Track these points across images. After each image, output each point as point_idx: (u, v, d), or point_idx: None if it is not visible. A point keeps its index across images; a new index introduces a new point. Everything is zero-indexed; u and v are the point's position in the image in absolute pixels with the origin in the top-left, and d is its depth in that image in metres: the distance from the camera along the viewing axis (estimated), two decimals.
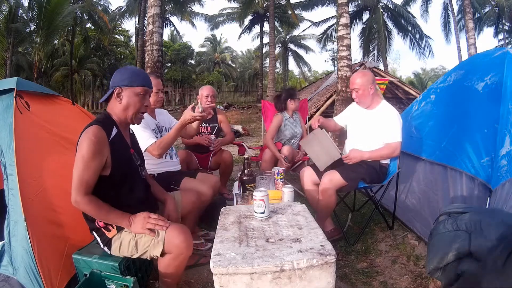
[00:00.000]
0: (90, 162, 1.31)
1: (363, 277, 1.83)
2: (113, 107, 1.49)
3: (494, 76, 2.15)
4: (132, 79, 1.46)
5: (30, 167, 1.67)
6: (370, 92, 2.22)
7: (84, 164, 1.31)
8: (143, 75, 1.53)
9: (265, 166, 2.95)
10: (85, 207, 1.33)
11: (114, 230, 1.43)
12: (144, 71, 1.55)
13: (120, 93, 1.46)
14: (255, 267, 1.00)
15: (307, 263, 1.02)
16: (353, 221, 2.54)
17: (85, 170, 1.31)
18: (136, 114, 1.50)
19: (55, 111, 2.13)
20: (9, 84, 1.87)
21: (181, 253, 1.38)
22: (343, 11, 6.89)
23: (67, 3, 12.82)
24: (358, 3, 17.44)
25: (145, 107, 1.53)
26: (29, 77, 13.80)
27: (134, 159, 1.54)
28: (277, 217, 1.41)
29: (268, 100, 4.41)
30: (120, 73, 1.49)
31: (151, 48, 6.73)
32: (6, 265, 1.50)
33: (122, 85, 1.45)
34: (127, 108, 1.47)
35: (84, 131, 1.37)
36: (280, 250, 1.09)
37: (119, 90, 1.46)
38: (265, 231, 1.27)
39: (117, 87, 1.46)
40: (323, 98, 9.38)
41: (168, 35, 27.41)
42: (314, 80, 23.83)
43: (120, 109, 1.47)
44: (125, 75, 1.47)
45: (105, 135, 1.38)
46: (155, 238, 1.38)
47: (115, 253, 1.45)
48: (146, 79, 1.52)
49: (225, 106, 16.06)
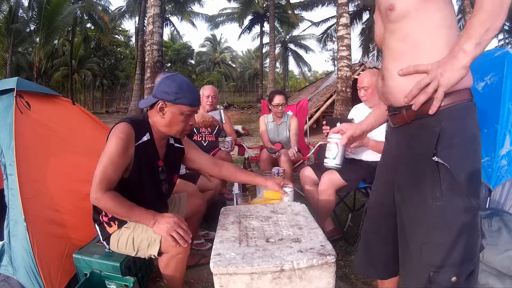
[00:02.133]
0: (116, 159, 1.26)
1: (363, 277, 1.83)
2: (154, 117, 1.40)
3: (494, 76, 2.15)
4: (179, 96, 1.33)
5: (30, 167, 1.67)
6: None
7: (110, 160, 1.26)
8: (191, 92, 1.37)
9: (263, 166, 2.95)
10: (106, 204, 1.26)
11: (115, 226, 1.42)
12: (193, 85, 1.42)
13: (163, 108, 1.35)
14: (255, 267, 1.00)
15: (307, 263, 1.02)
16: (353, 221, 2.54)
17: (110, 165, 1.26)
18: (181, 132, 1.41)
19: (56, 111, 2.14)
20: (9, 84, 1.87)
21: (179, 253, 1.35)
22: (343, 11, 6.90)
23: (67, 3, 12.84)
24: (358, 3, 17.44)
25: (190, 126, 1.42)
26: (29, 77, 13.81)
27: (160, 171, 1.47)
28: (277, 217, 1.41)
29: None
30: (167, 84, 1.34)
31: (151, 48, 6.74)
32: (6, 265, 1.50)
33: (167, 99, 1.33)
34: (170, 125, 1.37)
35: (114, 127, 1.32)
36: (280, 250, 1.09)
37: (163, 105, 1.34)
38: (265, 231, 1.27)
39: (161, 100, 1.34)
40: (323, 98, 9.38)
41: (168, 35, 27.48)
42: (314, 80, 23.86)
43: (162, 124, 1.38)
44: (171, 88, 1.33)
45: (134, 135, 1.32)
46: (151, 237, 1.35)
47: (113, 248, 1.45)
48: (194, 97, 1.39)
49: (225, 106, 16.09)
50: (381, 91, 1.01)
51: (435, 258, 0.88)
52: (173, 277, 1.43)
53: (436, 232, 0.88)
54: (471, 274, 0.88)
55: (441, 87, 0.80)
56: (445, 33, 0.86)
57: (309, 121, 6.89)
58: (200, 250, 2.11)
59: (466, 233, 0.87)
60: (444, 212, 0.87)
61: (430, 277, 0.88)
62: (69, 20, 13.24)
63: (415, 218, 0.93)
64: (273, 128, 3.13)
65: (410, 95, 0.85)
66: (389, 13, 0.89)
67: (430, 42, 0.86)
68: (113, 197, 1.27)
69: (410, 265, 0.96)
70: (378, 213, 1.14)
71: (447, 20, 0.86)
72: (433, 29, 0.86)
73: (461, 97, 0.85)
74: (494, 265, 1.37)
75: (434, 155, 0.86)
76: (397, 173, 1.00)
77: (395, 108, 0.96)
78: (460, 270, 0.87)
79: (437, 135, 0.86)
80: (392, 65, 0.93)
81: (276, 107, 3.02)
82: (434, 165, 0.86)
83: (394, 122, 0.99)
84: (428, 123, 0.88)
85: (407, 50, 0.89)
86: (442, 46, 0.85)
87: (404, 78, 0.88)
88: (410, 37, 0.88)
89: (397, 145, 1.01)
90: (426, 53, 0.86)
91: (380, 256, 1.15)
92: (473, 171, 0.87)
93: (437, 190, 0.87)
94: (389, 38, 0.94)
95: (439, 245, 0.88)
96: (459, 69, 0.79)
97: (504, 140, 1.88)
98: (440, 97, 0.82)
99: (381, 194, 1.12)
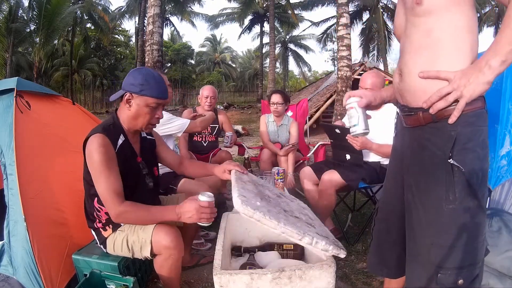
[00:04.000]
0: (108, 171, 1.26)
1: (363, 277, 1.84)
2: (122, 112, 1.40)
3: None
4: (145, 87, 1.32)
5: (30, 167, 1.67)
6: None
7: (104, 175, 1.25)
8: (158, 84, 1.36)
9: (263, 166, 2.95)
10: (129, 216, 1.27)
11: (110, 230, 1.42)
12: (161, 77, 1.41)
13: (130, 100, 1.35)
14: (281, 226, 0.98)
15: (324, 246, 1.01)
16: (353, 221, 2.54)
17: (108, 179, 1.25)
18: (146, 125, 1.40)
19: (56, 111, 2.13)
20: (9, 84, 1.87)
21: (171, 254, 1.33)
22: (343, 11, 6.90)
23: (67, 3, 12.85)
24: (358, 3, 17.45)
25: (156, 119, 1.41)
26: (29, 77, 13.82)
27: (141, 167, 1.48)
28: (287, 201, 1.36)
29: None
30: (133, 76, 1.34)
31: (151, 48, 6.74)
32: (6, 265, 1.50)
33: (133, 91, 1.33)
34: (136, 117, 1.37)
35: (89, 141, 1.30)
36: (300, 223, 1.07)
37: (129, 96, 1.34)
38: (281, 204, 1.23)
39: (128, 92, 1.34)
40: (323, 98, 9.39)
41: (168, 35, 27.49)
42: (314, 80, 23.86)
43: (129, 116, 1.38)
44: (137, 80, 1.32)
45: (111, 144, 1.31)
46: (142, 238, 1.34)
47: (110, 251, 1.45)
48: (160, 89, 1.37)
49: (225, 106, 16.09)
50: (398, 87, 0.99)
51: (444, 260, 0.89)
52: (169, 278, 1.42)
53: (447, 234, 0.89)
54: (476, 277, 0.89)
55: (464, 98, 0.82)
56: (467, 37, 0.86)
57: (309, 121, 6.89)
58: (200, 250, 2.11)
59: (475, 236, 0.88)
60: (456, 215, 0.88)
61: (438, 278, 0.89)
62: (69, 20, 13.24)
63: (425, 219, 0.93)
64: (273, 129, 3.13)
65: (429, 102, 0.87)
66: (415, 6, 0.89)
67: (451, 42, 0.87)
68: (133, 207, 1.27)
69: (417, 264, 0.96)
70: (389, 214, 1.14)
71: (469, 25, 0.86)
72: (455, 30, 0.86)
73: (477, 104, 0.87)
74: (494, 265, 1.37)
75: (450, 157, 0.87)
76: (408, 172, 1.00)
77: (411, 109, 0.95)
78: (467, 273, 0.88)
79: (453, 139, 0.87)
80: (412, 60, 0.92)
81: (272, 105, 3.03)
82: (449, 168, 0.88)
83: (408, 122, 0.98)
84: (445, 127, 0.88)
85: (428, 45, 0.89)
86: (463, 49, 0.86)
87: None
88: (433, 33, 0.88)
89: (409, 145, 1.00)
90: (446, 51, 0.87)
91: (392, 256, 1.15)
92: (484, 176, 0.89)
93: (451, 192, 0.88)
94: (411, 30, 0.93)
95: (449, 247, 0.88)
96: (483, 83, 0.80)
97: (504, 140, 1.88)
98: (461, 108, 0.83)
99: (392, 194, 1.13)
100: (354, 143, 2.15)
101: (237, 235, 1.49)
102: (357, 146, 2.14)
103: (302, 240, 1.00)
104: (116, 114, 1.43)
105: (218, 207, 1.64)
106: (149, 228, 1.35)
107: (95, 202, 1.39)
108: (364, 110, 1.10)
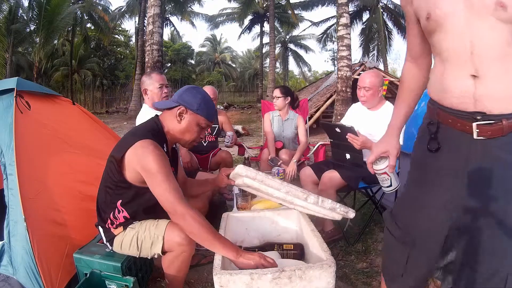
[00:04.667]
0: (168, 172, 1.26)
1: (363, 277, 1.83)
2: (169, 122, 1.42)
3: None
4: (201, 107, 1.39)
5: (30, 167, 1.67)
6: (379, 94, 2.22)
7: (165, 176, 1.24)
8: (212, 107, 1.44)
9: (263, 166, 2.95)
10: (193, 222, 1.20)
11: (120, 228, 1.42)
12: (213, 103, 1.50)
13: (183, 114, 1.39)
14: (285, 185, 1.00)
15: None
16: (353, 221, 2.54)
17: (169, 179, 1.25)
18: (191, 142, 1.44)
19: (56, 111, 2.14)
20: (9, 84, 1.87)
21: (183, 251, 1.35)
22: (343, 11, 6.90)
23: (67, 4, 12.86)
24: (358, 3, 17.45)
25: (200, 139, 1.48)
26: (29, 77, 13.81)
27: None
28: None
29: (268, 100, 4.39)
30: (192, 94, 1.41)
31: (151, 48, 6.75)
32: (6, 265, 1.50)
33: (190, 107, 1.38)
34: (184, 132, 1.41)
35: (139, 145, 1.28)
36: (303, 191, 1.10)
37: (183, 111, 1.39)
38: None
39: (183, 106, 1.38)
40: (323, 98, 9.40)
41: (168, 35, 27.47)
42: (314, 80, 23.89)
43: (176, 129, 1.41)
44: (197, 99, 1.39)
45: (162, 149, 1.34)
46: (155, 234, 1.35)
47: (116, 249, 1.45)
48: (214, 114, 1.46)
49: (225, 106, 16.09)
50: (472, 92, 0.85)
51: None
52: (176, 276, 1.42)
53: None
54: None
55: None
56: None
57: (309, 121, 6.89)
58: (200, 250, 2.11)
59: None
60: None
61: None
62: (69, 20, 13.25)
63: (501, 246, 0.86)
64: (278, 123, 3.13)
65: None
66: (499, 9, 0.80)
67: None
68: (198, 217, 1.21)
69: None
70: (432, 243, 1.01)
71: None
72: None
73: None
74: None
75: None
76: (476, 194, 0.89)
77: (490, 117, 0.84)
78: None
79: None
80: (496, 65, 0.83)
81: (273, 100, 3.07)
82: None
83: (484, 133, 0.85)
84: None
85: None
86: None
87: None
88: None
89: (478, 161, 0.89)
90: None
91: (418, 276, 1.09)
92: None
93: None
94: (487, 33, 0.83)
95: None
96: None
97: None
98: None
99: (434, 219, 0.99)
100: (354, 142, 2.14)
101: (237, 235, 1.49)
102: (357, 146, 2.13)
103: (308, 198, 0.97)
104: (160, 121, 1.43)
105: (218, 207, 1.64)
106: (162, 225, 1.36)
107: (118, 204, 1.39)
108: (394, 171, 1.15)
